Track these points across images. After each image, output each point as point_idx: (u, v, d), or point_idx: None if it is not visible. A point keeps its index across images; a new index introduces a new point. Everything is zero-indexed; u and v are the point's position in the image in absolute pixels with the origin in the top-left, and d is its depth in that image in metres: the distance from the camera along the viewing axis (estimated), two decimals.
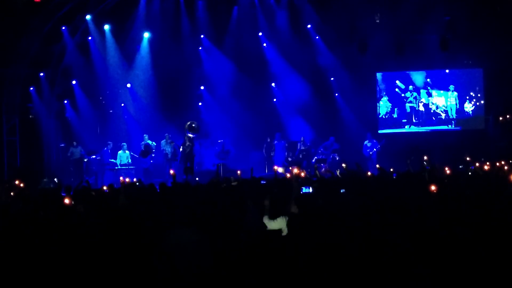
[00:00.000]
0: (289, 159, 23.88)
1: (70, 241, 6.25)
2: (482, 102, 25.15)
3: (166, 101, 25.04)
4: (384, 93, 25.85)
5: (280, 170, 17.36)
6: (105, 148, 23.46)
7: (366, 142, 23.77)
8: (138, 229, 6.29)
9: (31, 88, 23.04)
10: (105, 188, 12.34)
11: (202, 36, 25.38)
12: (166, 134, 23.14)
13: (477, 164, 13.44)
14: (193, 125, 21.34)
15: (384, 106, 25.77)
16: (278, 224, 7.70)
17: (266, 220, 7.81)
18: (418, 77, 25.66)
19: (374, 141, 23.74)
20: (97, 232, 6.41)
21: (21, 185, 14.65)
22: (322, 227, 6.31)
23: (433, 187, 8.48)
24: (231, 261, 5.58)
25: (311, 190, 9.42)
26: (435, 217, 6.62)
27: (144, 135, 23.58)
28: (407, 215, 6.75)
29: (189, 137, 21.26)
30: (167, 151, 22.91)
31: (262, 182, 12.06)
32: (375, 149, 23.45)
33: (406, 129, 25.64)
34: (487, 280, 5.06)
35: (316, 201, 7.84)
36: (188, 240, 6.03)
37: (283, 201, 8.06)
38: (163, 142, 23.10)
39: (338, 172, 14.79)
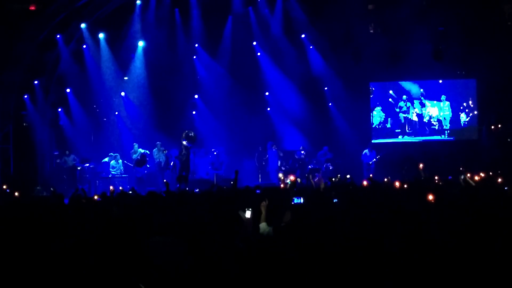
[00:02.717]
0: (283, 168, 23.91)
1: (63, 248, 6.26)
2: (475, 112, 25.25)
3: (160, 109, 25.05)
4: (378, 103, 25.92)
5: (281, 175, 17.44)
6: (106, 160, 23.39)
7: (366, 151, 23.86)
8: (131, 239, 6.30)
9: (25, 96, 23.00)
10: (96, 197, 12.33)
11: (196, 45, 25.44)
12: (158, 142, 23.15)
13: (468, 175, 13.48)
14: (190, 134, 21.36)
15: (377, 116, 25.84)
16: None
17: (263, 226, 7.82)
18: (412, 87, 25.76)
19: (374, 151, 23.83)
20: (90, 240, 6.43)
21: (14, 192, 14.63)
22: (315, 236, 6.33)
23: (430, 197, 8.49)
24: (221, 270, 5.60)
25: (302, 200, 9.43)
26: (430, 226, 6.65)
27: (134, 144, 23.58)
28: (402, 224, 6.78)
29: (185, 146, 21.29)
30: (160, 160, 22.90)
31: (257, 191, 12.01)
32: (374, 159, 23.53)
33: (400, 139, 25.70)
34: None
35: (307, 211, 7.86)
36: (166, 247, 6.09)
37: (279, 209, 8.08)
38: (155, 150, 23.11)
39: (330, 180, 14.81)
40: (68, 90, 24.42)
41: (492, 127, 24.89)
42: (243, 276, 5.34)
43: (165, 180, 14.06)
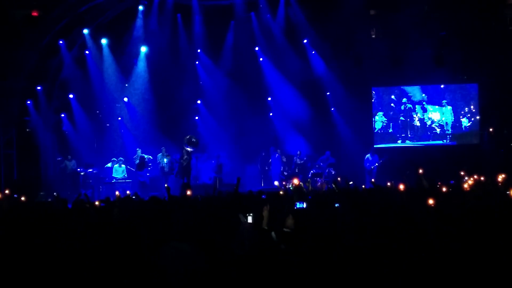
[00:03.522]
0: (285, 173, 23.91)
1: (65, 254, 6.30)
2: (477, 117, 25.24)
3: (163, 115, 25.09)
4: (380, 107, 25.92)
5: (276, 183, 17.45)
6: (109, 165, 23.45)
7: (367, 155, 23.83)
8: (132, 243, 6.34)
9: (29, 102, 23.08)
10: (97, 203, 12.38)
11: (199, 50, 25.52)
12: (162, 147, 23.23)
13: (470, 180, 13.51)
14: (193, 139, 21.41)
15: (379, 120, 25.84)
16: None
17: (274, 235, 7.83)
18: (414, 92, 25.76)
19: (376, 155, 23.81)
20: (92, 246, 6.47)
21: (19, 197, 14.68)
22: (317, 241, 6.35)
23: (431, 201, 8.49)
24: (226, 275, 5.63)
25: (305, 205, 9.44)
26: (431, 231, 6.66)
27: (137, 149, 23.65)
28: (403, 229, 6.80)
29: (187, 150, 21.34)
30: (163, 165, 22.96)
31: (263, 196, 12.02)
32: (376, 164, 23.52)
33: (401, 143, 25.68)
34: None
35: (310, 217, 7.88)
36: (182, 254, 6.08)
37: (281, 214, 8.10)
38: (159, 155, 23.18)
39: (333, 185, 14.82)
40: (71, 96, 24.47)
41: (491, 129, 24.88)
42: (241, 281, 5.37)
43: (166, 185, 14.06)
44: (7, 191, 15.32)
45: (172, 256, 6.06)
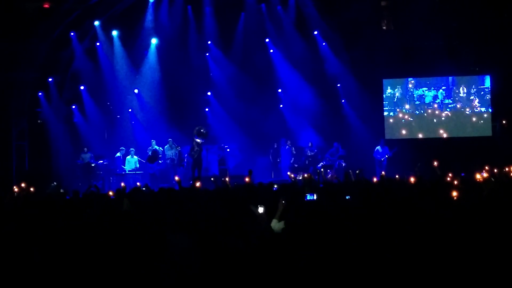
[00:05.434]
0: (295, 165, 23.91)
1: (73, 244, 6.32)
2: (489, 109, 25.10)
3: (173, 106, 25.11)
4: (390, 99, 25.82)
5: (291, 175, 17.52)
6: (118, 155, 23.54)
7: (378, 147, 23.79)
8: (141, 234, 6.36)
9: (40, 93, 23.24)
10: (111, 193, 12.42)
11: (209, 42, 25.51)
12: (169, 139, 23.26)
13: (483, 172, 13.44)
14: (202, 130, 21.44)
15: (389, 112, 25.75)
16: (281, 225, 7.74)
17: (274, 223, 7.83)
18: (424, 84, 25.65)
19: (386, 147, 23.76)
20: (100, 237, 6.49)
21: (31, 188, 14.76)
22: (326, 233, 6.35)
23: (454, 193, 8.48)
24: (232, 267, 5.64)
25: (315, 197, 9.44)
26: (443, 225, 6.64)
27: (152, 140, 23.69)
28: (414, 222, 6.78)
29: (197, 142, 21.36)
30: (172, 157, 23.00)
31: (274, 188, 12.05)
32: (387, 156, 23.46)
33: (413, 136, 25.59)
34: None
35: (320, 209, 7.87)
36: (188, 245, 6.11)
37: (291, 205, 8.11)
38: (166, 147, 23.22)
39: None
40: (82, 87, 24.55)
41: (504, 121, 24.75)
42: (256, 272, 5.37)
43: (176, 178, 14.05)
44: (23, 184, 15.42)
45: (177, 246, 6.09)
